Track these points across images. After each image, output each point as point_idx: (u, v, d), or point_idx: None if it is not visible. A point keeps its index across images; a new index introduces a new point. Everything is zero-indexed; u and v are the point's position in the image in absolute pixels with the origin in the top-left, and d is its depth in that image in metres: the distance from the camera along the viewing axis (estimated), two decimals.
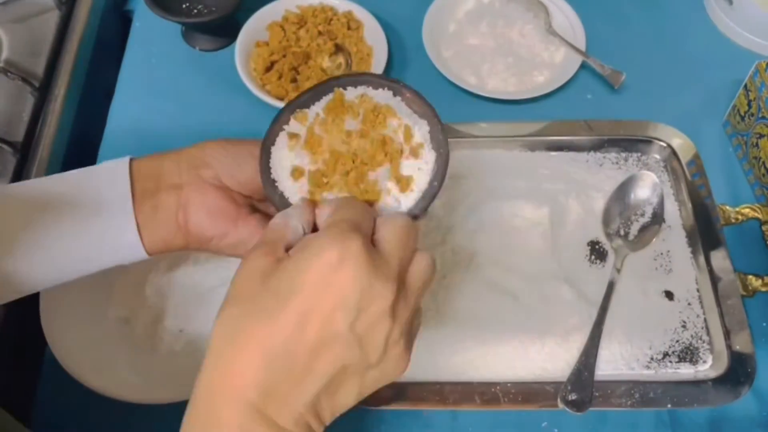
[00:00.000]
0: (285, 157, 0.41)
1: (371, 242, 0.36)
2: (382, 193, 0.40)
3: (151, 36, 0.77)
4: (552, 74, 0.74)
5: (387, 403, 0.54)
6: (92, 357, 0.54)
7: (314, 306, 0.33)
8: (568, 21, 0.77)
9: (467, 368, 0.56)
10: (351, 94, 0.43)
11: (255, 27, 0.74)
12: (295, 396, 0.33)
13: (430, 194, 0.40)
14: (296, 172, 0.41)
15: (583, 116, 0.68)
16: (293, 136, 0.42)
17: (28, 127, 0.66)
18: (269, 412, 0.33)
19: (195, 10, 0.75)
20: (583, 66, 0.74)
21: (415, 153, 0.41)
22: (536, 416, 0.56)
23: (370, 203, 0.40)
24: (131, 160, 0.45)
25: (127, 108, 0.72)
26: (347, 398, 0.35)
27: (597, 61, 0.73)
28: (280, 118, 0.42)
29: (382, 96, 0.42)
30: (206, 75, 0.75)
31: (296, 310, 0.33)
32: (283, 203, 0.41)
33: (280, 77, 0.70)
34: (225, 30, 0.76)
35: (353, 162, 0.40)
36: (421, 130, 0.41)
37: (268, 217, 0.44)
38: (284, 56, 0.71)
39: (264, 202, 0.46)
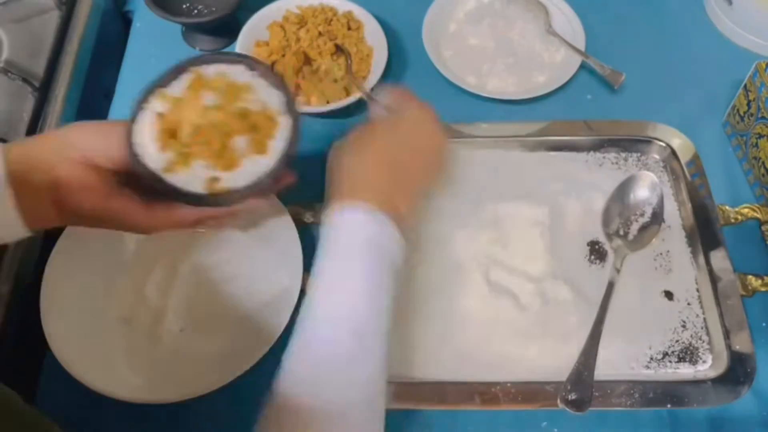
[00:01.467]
0: (149, 132, 0.46)
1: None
2: (241, 159, 0.46)
3: (151, 36, 0.78)
4: (552, 74, 0.74)
5: (387, 403, 0.54)
6: (92, 357, 0.54)
7: (409, 137, 0.53)
8: (567, 21, 0.77)
9: (467, 368, 0.56)
10: (210, 71, 0.49)
11: (255, 27, 0.74)
12: (408, 189, 0.51)
13: (287, 156, 0.47)
14: (161, 145, 0.46)
15: (583, 116, 0.68)
16: (159, 115, 0.47)
17: (28, 127, 0.66)
18: (395, 200, 0.49)
19: (195, 11, 0.75)
20: (583, 66, 0.74)
21: (272, 120, 0.48)
22: (536, 416, 0.56)
23: (230, 167, 0.46)
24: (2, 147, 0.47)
25: (127, 108, 0.71)
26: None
27: (597, 61, 0.73)
28: (141, 98, 0.48)
29: (238, 71, 0.49)
30: None
31: (401, 136, 0.53)
32: (149, 174, 0.46)
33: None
34: (225, 30, 0.76)
35: (215, 132, 0.46)
36: (278, 99, 0.49)
37: (135, 192, 0.48)
38: (284, 56, 0.71)
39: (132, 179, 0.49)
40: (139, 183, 0.48)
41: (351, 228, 0.47)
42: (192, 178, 0.46)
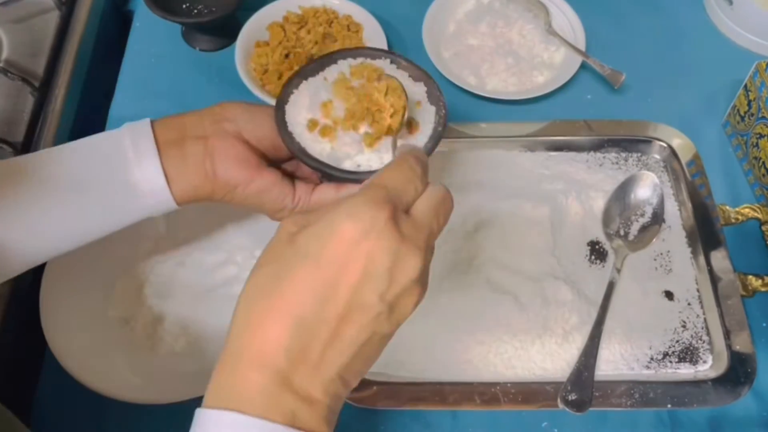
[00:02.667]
0: (300, 112, 0.46)
1: (407, 210, 0.37)
2: (387, 139, 0.44)
3: (151, 36, 0.77)
4: (552, 74, 0.74)
5: (387, 404, 0.54)
6: (92, 357, 0.54)
7: (341, 275, 0.33)
8: (568, 21, 0.77)
9: (467, 368, 0.56)
10: (353, 63, 0.48)
11: (255, 27, 0.74)
12: (326, 364, 0.33)
13: (436, 136, 0.46)
14: (311, 125, 0.45)
15: (583, 116, 0.68)
16: (315, 99, 0.46)
17: (28, 127, 0.66)
18: (297, 379, 0.33)
19: (195, 10, 0.75)
20: (583, 66, 0.74)
21: (417, 105, 0.47)
22: (536, 416, 0.56)
23: (373, 145, 0.44)
24: (151, 120, 0.47)
25: (127, 108, 0.72)
26: (373, 359, 0.36)
27: (597, 61, 0.73)
28: (291, 82, 0.47)
29: (380, 64, 0.48)
30: (206, 75, 0.75)
31: (324, 276, 0.33)
32: (301, 152, 0.45)
33: (279, 77, 0.70)
34: (225, 30, 0.76)
35: (366, 110, 0.44)
36: (419, 90, 0.48)
37: (283, 171, 0.48)
38: (287, 57, 0.71)
39: (277, 162, 0.50)
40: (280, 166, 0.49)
41: None
42: (341, 155, 0.45)
